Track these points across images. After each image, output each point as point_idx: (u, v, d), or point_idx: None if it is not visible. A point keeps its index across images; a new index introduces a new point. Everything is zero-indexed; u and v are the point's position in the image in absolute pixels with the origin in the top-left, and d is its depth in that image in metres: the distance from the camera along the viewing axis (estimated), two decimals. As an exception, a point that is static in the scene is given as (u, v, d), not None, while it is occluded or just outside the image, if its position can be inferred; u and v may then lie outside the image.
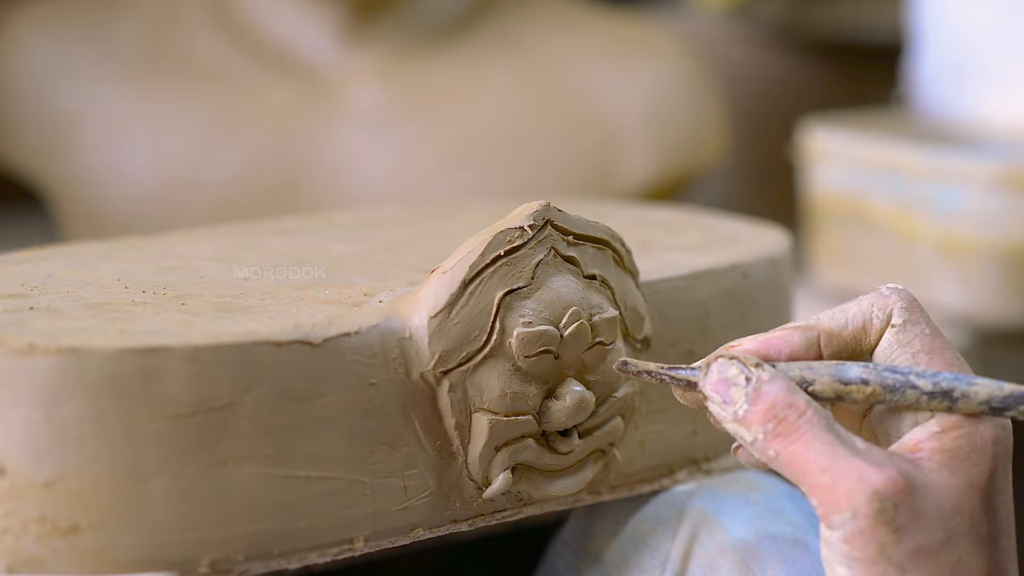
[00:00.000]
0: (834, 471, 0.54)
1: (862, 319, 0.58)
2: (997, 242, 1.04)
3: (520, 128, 1.12)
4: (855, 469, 0.54)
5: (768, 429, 0.55)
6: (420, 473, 0.60)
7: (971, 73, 1.16)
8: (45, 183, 1.13)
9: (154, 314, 0.58)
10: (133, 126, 1.10)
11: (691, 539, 0.67)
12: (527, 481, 0.62)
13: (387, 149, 1.10)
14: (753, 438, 0.55)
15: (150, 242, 0.72)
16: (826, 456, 0.54)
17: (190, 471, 0.55)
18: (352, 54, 1.12)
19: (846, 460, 0.54)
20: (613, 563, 0.68)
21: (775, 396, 0.55)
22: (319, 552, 0.58)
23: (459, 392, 0.59)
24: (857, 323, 0.58)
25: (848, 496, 0.53)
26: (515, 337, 0.59)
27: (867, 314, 0.58)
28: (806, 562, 0.65)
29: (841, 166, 1.11)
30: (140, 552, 0.55)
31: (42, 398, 0.54)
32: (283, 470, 0.56)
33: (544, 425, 0.61)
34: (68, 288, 0.62)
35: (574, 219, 0.62)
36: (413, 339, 0.59)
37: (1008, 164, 1.04)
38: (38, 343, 0.54)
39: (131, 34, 1.14)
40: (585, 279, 0.62)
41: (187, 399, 0.55)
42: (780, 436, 0.55)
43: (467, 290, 0.59)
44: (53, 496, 0.54)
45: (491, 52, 1.14)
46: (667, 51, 1.16)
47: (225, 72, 1.12)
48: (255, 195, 1.09)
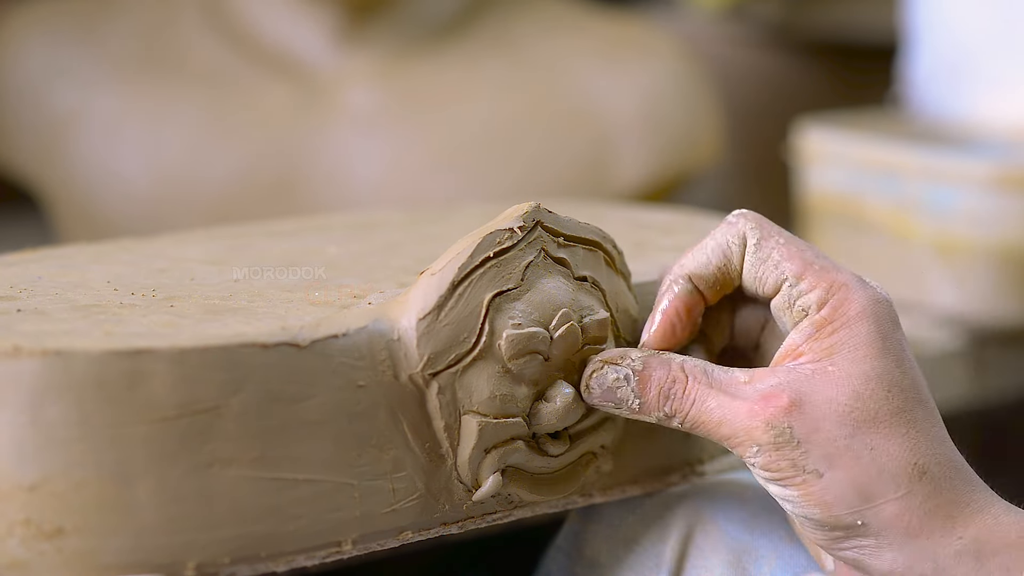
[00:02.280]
0: (728, 421, 0.58)
1: (721, 251, 0.61)
2: (992, 242, 1.04)
3: (515, 129, 1.12)
4: (743, 410, 0.58)
5: (666, 410, 0.59)
6: (409, 476, 0.60)
7: (966, 73, 1.16)
8: (40, 185, 1.13)
9: (142, 316, 0.58)
10: (129, 128, 1.10)
11: (686, 540, 0.66)
12: (517, 483, 0.62)
13: (382, 150, 1.10)
14: (658, 420, 0.60)
15: (142, 244, 0.72)
16: (716, 411, 0.58)
17: (176, 474, 0.55)
18: (347, 56, 1.12)
19: (732, 406, 0.58)
20: (608, 566, 0.68)
21: (657, 380, 0.59)
22: (307, 555, 0.58)
23: (448, 394, 0.59)
24: (718, 256, 0.61)
25: (747, 434, 0.58)
26: (504, 339, 0.59)
27: (723, 244, 0.61)
28: (801, 561, 0.65)
29: (836, 166, 1.11)
30: (126, 555, 0.54)
31: (27, 400, 0.54)
32: (270, 473, 0.56)
33: (534, 427, 0.61)
34: (57, 290, 0.62)
35: (564, 220, 0.62)
36: (402, 341, 0.59)
37: (1004, 164, 1.04)
38: (23, 345, 0.54)
39: (127, 36, 1.14)
40: (576, 281, 0.62)
41: (173, 401, 0.54)
42: (676, 412, 0.59)
43: (456, 292, 0.59)
44: (38, 499, 0.54)
45: (486, 53, 1.14)
46: (662, 52, 1.16)
47: (220, 74, 1.12)
48: (250, 197, 1.09)
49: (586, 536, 0.69)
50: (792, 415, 0.57)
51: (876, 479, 0.57)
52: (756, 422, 0.57)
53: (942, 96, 1.17)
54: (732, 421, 0.58)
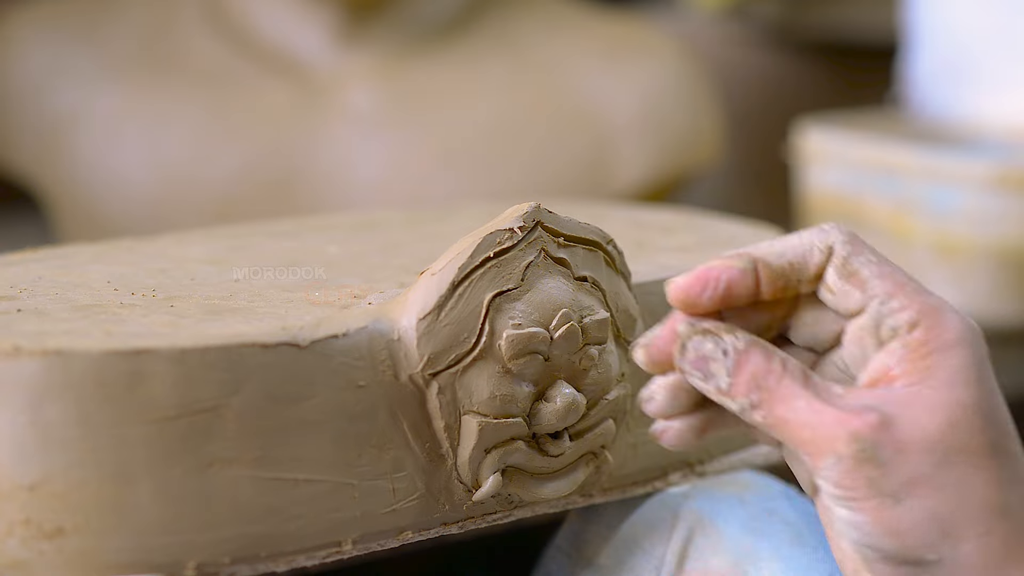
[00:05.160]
0: (813, 425, 0.55)
1: (801, 250, 0.58)
2: (992, 242, 1.04)
3: (516, 129, 1.12)
4: (831, 417, 0.54)
5: (752, 399, 0.56)
6: (409, 475, 0.60)
7: (966, 73, 1.16)
8: (41, 185, 1.13)
9: (142, 316, 0.58)
10: (129, 128, 1.10)
11: (686, 541, 0.66)
12: (517, 483, 0.62)
13: (383, 150, 1.10)
14: (740, 408, 0.56)
15: (143, 244, 0.72)
16: (804, 412, 0.55)
17: (176, 474, 0.55)
18: (348, 55, 1.12)
19: (822, 411, 0.55)
20: (608, 566, 0.68)
21: (755, 365, 0.56)
22: (306, 555, 0.58)
23: (448, 394, 0.59)
24: (797, 253, 0.58)
25: (829, 443, 0.54)
26: (504, 339, 0.59)
27: (807, 245, 0.58)
28: (802, 562, 0.65)
29: (837, 166, 1.11)
30: (126, 555, 0.54)
31: (27, 400, 0.54)
32: (270, 473, 0.56)
33: (534, 427, 0.61)
34: (57, 290, 0.62)
35: (565, 220, 0.62)
36: (402, 341, 0.59)
37: (1003, 164, 1.04)
38: (23, 345, 0.54)
39: (127, 36, 1.14)
40: (576, 281, 0.62)
41: (173, 401, 0.54)
42: (763, 403, 0.56)
43: (456, 292, 0.59)
44: (38, 499, 0.54)
45: (487, 53, 1.14)
46: (663, 52, 1.16)
47: (221, 74, 1.12)
48: (251, 196, 1.09)
49: (586, 536, 0.69)
50: (880, 432, 0.54)
51: (957, 513, 0.54)
52: (841, 431, 0.54)
53: (942, 96, 1.17)
54: (817, 425, 0.55)
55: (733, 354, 0.56)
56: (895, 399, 0.55)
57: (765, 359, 0.56)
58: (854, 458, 0.54)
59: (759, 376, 0.56)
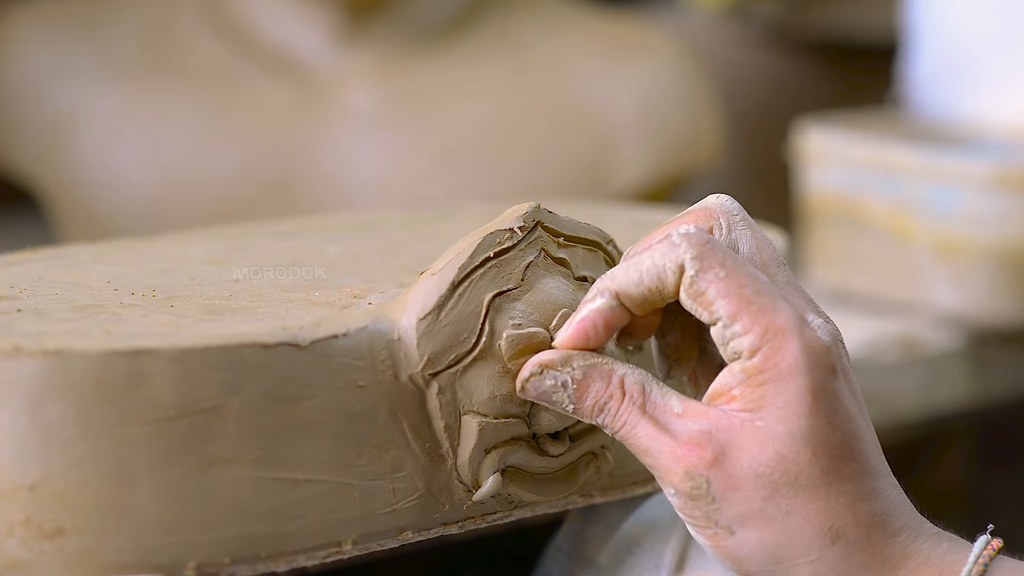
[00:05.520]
0: (653, 454, 0.57)
1: (655, 272, 0.57)
2: (992, 242, 1.04)
3: (516, 129, 1.12)
4: (667, 449, 0.57)
5: (597, 421, 0.58)
6: (409, 476, 0.60)
7: (966, 73, 1.16)
8: (41, 185, 1.13)
9: (142, 316, 0.58)
10: (129, 128, 1.10)
11: (686, 541, 0.66)
12: (517, 484, 0.62)
13: (383, 150, 1.10)
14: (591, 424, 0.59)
15: (143, 244, 0.72)
16: (643, 440, 0.57)
17: (176, 474, 0.55)
18: (347, 55, 1.12)
19: (658, 440, 0.57)
20: (608, 567, 0.68)
21: (594, 393, 0.58)
22: (306, 555, 0.58)
23: (448, 394, 0.59)
24: (652, 277, 0.58)
25: (667, 475, 0.57)
26: (504, 339, 0.59)
27: (659, 268, 0.57)
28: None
29: (836, 166, 1.11)
30: (126, 555, 0.54)
31: (27, 400, 0.53)
32: (270, 473, 0.56)
33: (534, 427, 0.61)
34: (57, 290, 0.62)
35: (565, 221, 0.62)
36: (402, 341, 0.59)
37: (1004, 164, 1.04)
38: (23, 345, 0.54)
39: (127, 36, 1.14)
40: (576, 281, 0.62)
41: (173, 401, 0.54)
42: (609, 427, 0.58)
43: (456, 292, 0.59)
44: (38, 499, 0.54)
45: (487, 53, 1.14)
46: (663, 52, 1.16)
47: (221, 73, 1.12)
48: (251, 196, 1.09)
49: (586, 536, 0.69)
50: (712, 470, 0.56)
51: (787, 544, 0.56)
52: (677, 467, 0.56)
53: (942, 96, 1.17)
54: (656, 455, 0.57)
55: (572, 383, 0.58)
56: (730, 426, 0.56)
57: (604, 384, 0.58)
58: (689, 494, 0.57)
59: (600, 402, 0.58)
